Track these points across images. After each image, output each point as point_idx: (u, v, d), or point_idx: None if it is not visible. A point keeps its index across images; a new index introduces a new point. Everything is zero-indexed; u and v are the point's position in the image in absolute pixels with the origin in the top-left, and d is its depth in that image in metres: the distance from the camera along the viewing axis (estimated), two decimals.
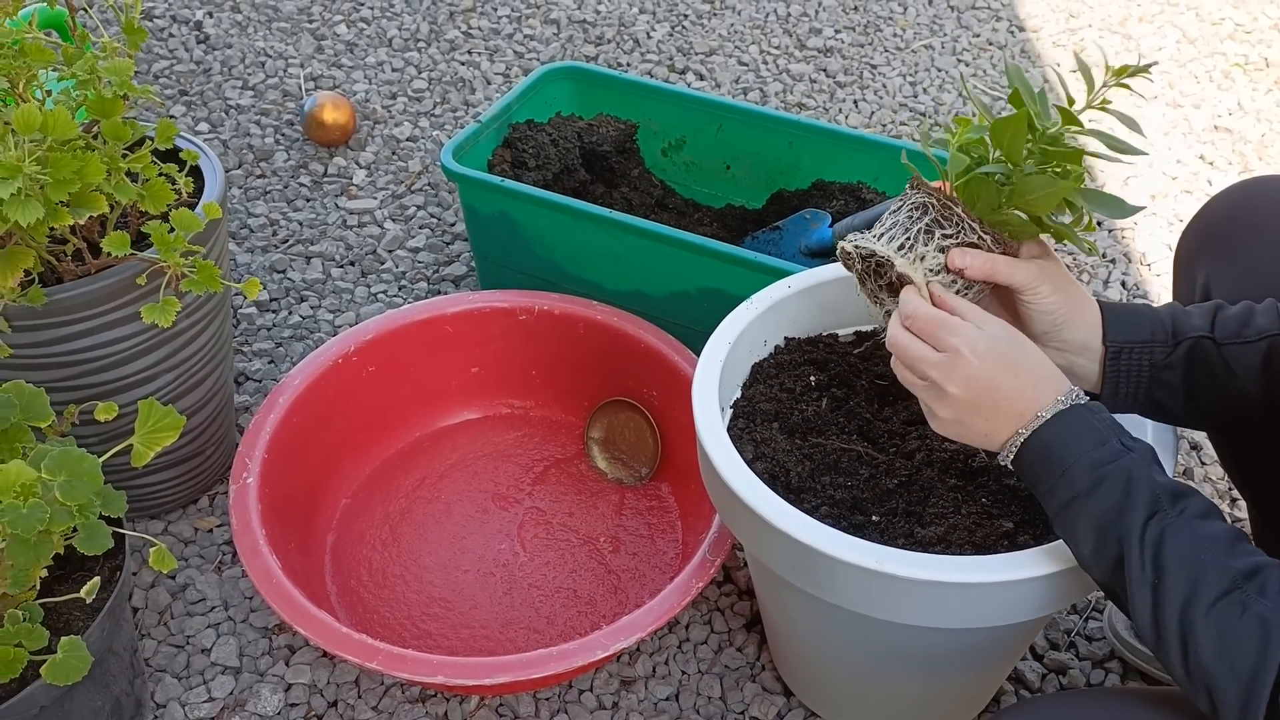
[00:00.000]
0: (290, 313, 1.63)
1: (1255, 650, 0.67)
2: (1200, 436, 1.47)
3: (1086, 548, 0.79)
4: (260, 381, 1.52)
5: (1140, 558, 0.74)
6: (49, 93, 1.10)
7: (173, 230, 1.02)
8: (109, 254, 1.03)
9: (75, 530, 0.93)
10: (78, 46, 1.10)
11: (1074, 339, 0.88)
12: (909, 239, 0.88)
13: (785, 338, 1.15)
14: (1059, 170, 0.86)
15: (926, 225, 0.88)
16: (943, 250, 0.88)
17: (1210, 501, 0.77)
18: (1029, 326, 0.89)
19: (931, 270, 0.88)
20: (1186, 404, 0.88)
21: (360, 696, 1.18)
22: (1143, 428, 0.97)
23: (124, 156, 1.06)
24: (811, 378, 1.10)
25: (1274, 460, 0.99)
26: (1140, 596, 0.74)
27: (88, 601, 0.98)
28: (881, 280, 0.92)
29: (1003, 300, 0.91)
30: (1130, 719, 0.75)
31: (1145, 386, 0.88)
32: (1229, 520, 1.36)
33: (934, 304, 0.86)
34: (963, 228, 0.88)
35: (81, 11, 1.26)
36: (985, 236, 0.88)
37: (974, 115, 0.92)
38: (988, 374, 0.81)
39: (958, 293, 0.88)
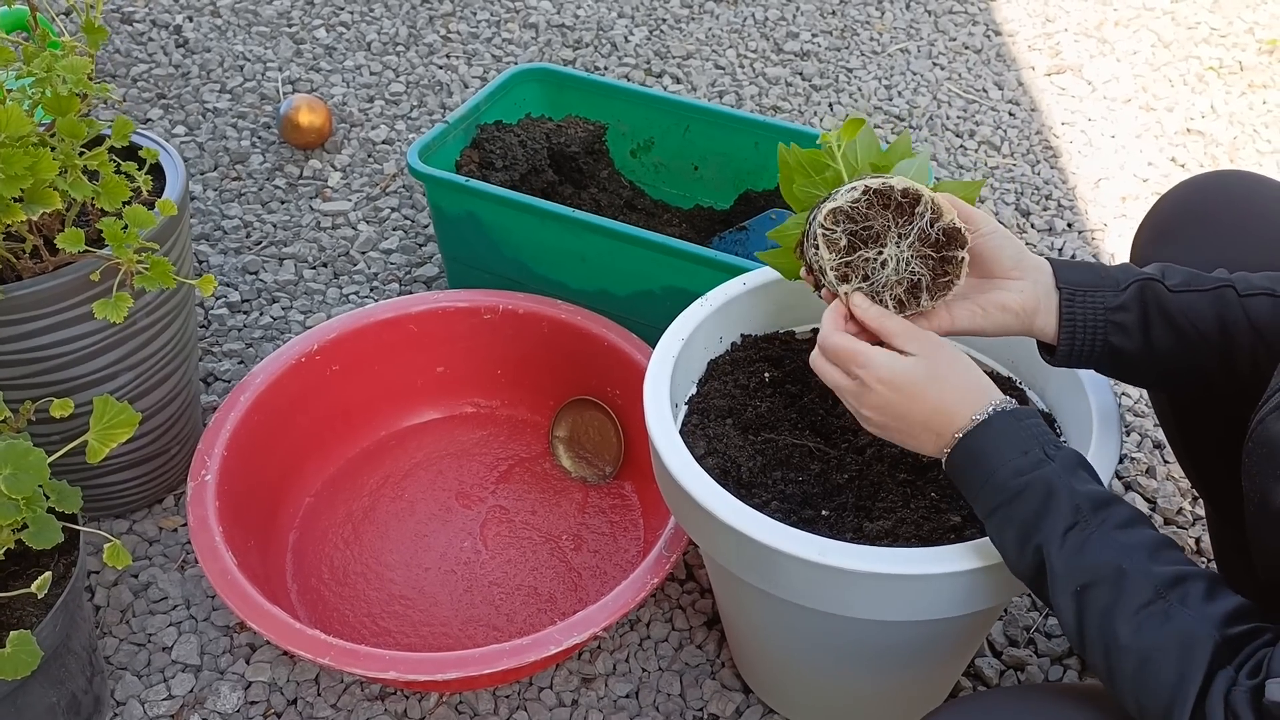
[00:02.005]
0: (261, 314, 1.63)
1: (1176, 665, 0.67)
2: (1164, 435, 1.48)
3: (1011, 555, 0.79)
4: (229, 382, 1.52)
5: (1061, 567, 0.74)
6: (10, 91, 1.10)
7: (126, 227, 1.02)
8: (65, 251, 1.03)
9: (25, 526, 0.93)
10: (38, 45, 1.11)
11: (1036, 263, 0.88)
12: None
13: (742, 334, 1.15)
14: None
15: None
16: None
17: (1135, 510, 0.76)
18: (996, 261, 0.88)
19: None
20: (1145, 352, 0.87)
21: (320, 694, 1.18)
22: (1089, 427, 0.98)
23: (81, 154, 1.07)
24: (766, 374, 1.11)
25: (1225, 448, 0.99)
26: (1063, 605, 0.74)
27: (39, 596, 0.98)
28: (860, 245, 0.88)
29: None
30: (1061, 717, 0.75)
31: (1101, 331, 0.87)
32: (1188, 523, 1.37)
33: (865, 321, 0.86)
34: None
35: (58, 17, 1.26)
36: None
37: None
38: (896, 402, 0.83)
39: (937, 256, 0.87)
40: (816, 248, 0.87)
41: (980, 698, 0.85)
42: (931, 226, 0.86)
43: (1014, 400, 0.83)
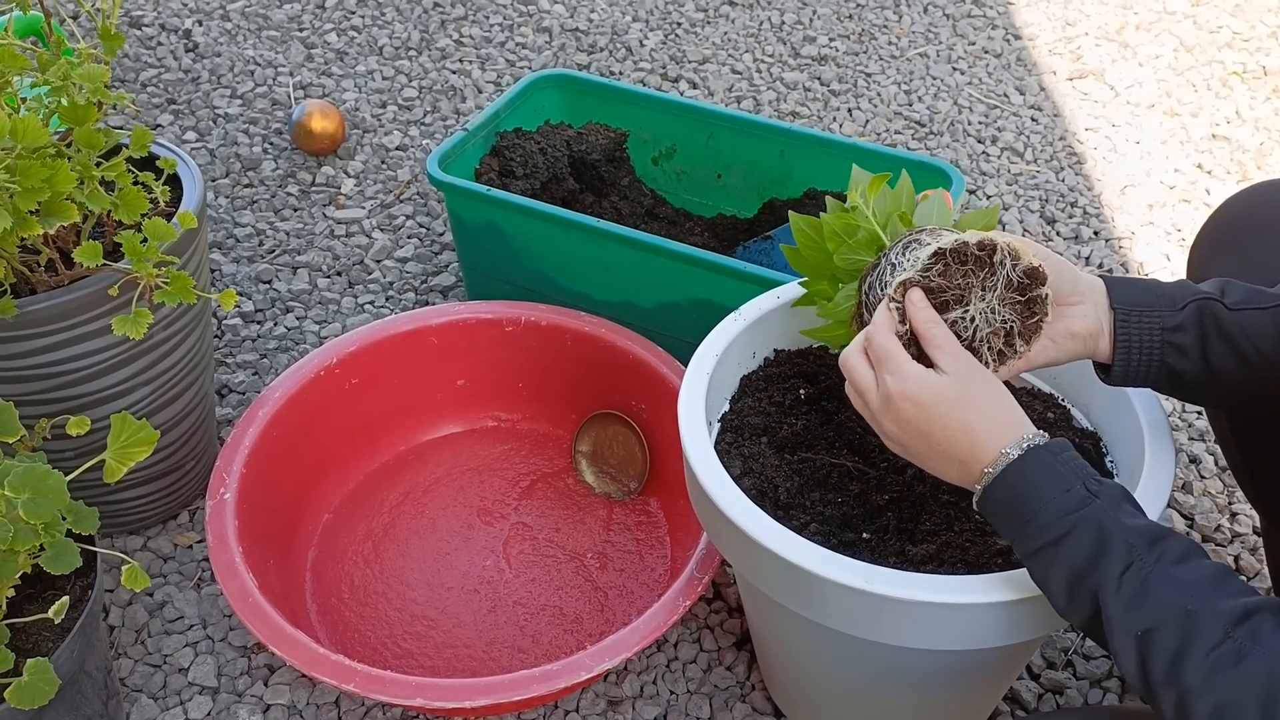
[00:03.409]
0: (276, 324, 1.60)
1: (1257, 705, 0.64)
2: (1199, 449, 1.45)
3: (1060, 599, 0.75)
4: (244, 394, 1.49)
5: (1120, 610, 0.71)
6: (24, 100, 1.07)
7: (145, 240, 0.99)
8: (82, 265, 1.00)
9: (42, 549, 0.90)
10: (53, 52, 1.08)
11: (1091, 283, 0.85)
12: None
13: (775, 350, 1.12)
14: None
15: (929, 235, 0.85)
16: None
17: (1189, 541, 0.73)
18: (1057, 290, 0.85)
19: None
20: (1203, 372, 0.84)
21: (340, 718, 1.15)
22: (1139, 444, 0.95)
23: (98, 165, 1.04)
24: (801, 391, 1.08)
25: None
26: (1124, 649, 0.70)
27: (57, 622, 0.95)
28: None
29: None
30: None
31: (1158, 353, 0.84)
32: (1225, 540, 1.34)
33: (913, 320, 0.83)
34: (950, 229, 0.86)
35: (68, 21, 1.24)
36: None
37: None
38: (920, 419, 0.80)
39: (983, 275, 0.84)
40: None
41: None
42: (1013, 271, 0.83)
43: (1046, 434, 0.79)
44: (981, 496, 0.79)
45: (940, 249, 0.82)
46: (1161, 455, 0.93)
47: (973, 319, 0.83)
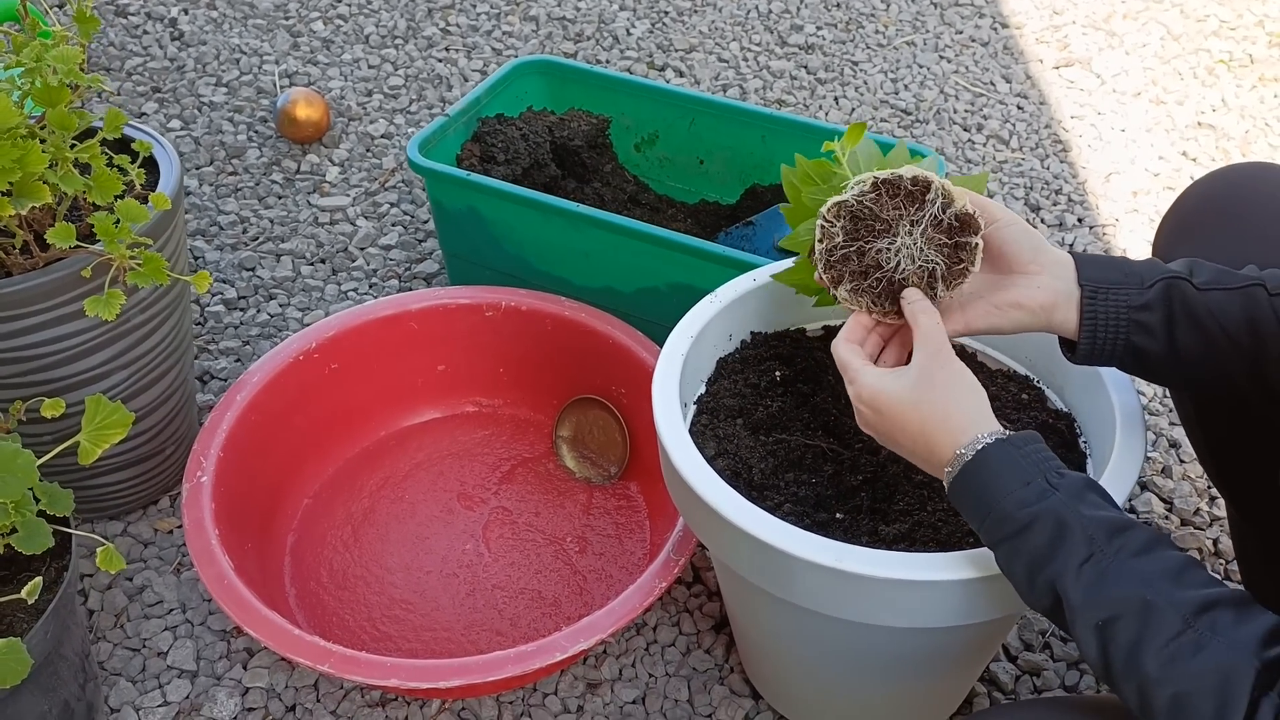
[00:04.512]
0: (259, 310, 1.60)
1: (1216, 695, 0.64)
2: (1179, 434, 1.45)
3: (1022, 587, 0.76)
4: (226, 381, 1.49)
5: (1080, 601, 0.70)
6: None
7: (118, 222, 0.99)
8: (56, 247, 1.00)
9: (14, 530, 0.90)
10: (28, 34, 1.08)
11: (1056, 257, 0.85)
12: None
13: (751, 332, 1.12)
14: None
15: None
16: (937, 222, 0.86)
17: (1151, 531, 0.73)
18: (1014, 255, 0.86)
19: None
20: (1169, 353, 0.84)
21: (319, 700, 1.15)
22: (1111, 428, 0.95)
23: (72, 147, 1.04)
24: (777, 373, 1.08)
25: (1250, 448, 0.96)
26: (1085, 639, 0.71)
27: (30, 602, 0.95)
28: (851, 245, 0.88)
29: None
30: None
31: (1124, 331, 0.84)
32: (1204, 524, 1.34)
33: (908, 309, 0.85)
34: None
35: (51, 11, 1.24)
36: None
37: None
38: (878, 424, 0.84)
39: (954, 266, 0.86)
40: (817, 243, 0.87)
41: (1002, 711, 0.83)
42: (944, 212, 0.84)
43: (1005, 430, 0.79)
44: (949, 492, 0.80)
45: (876, 179, 0.85)
46: (1132, 439, 0.93)
47: (897, 250, 0.86)
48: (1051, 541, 0.72)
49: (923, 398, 0.81)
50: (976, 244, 0.85)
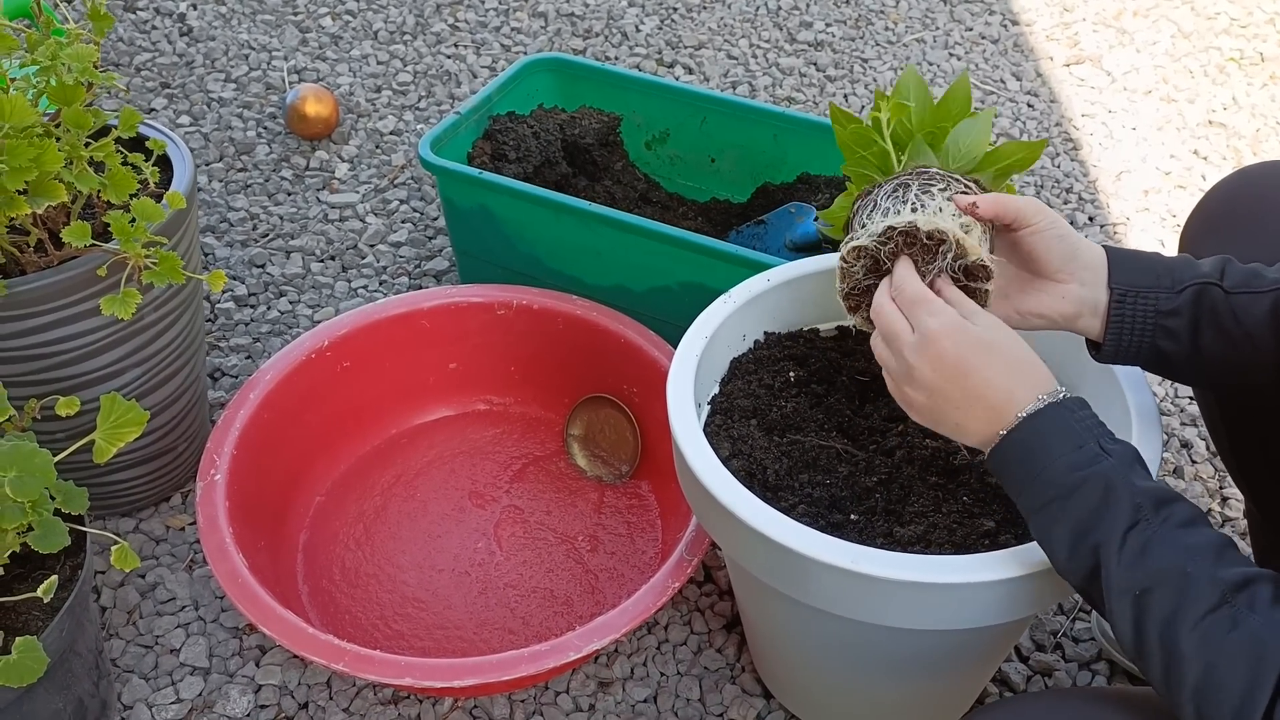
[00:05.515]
0: (269, 308, 1.60)
1: (1247, 672, 0.63)
2: (1190, 434, 1.45)
3: (1062, 554, 0.75)
4: (237, 378, 1.49)
5: (1120, 569, 0.70)
6: (13, 80, 1.07)
7: (134, 220, 0.99)
8: (71, 245, 1.00)
9: (31, 528, 0.90)
10: (43, 32, 1.08)
11: (1088, 262, 0.85)
12: (915, 205, 0.87)
13: (765, 332, 1.12)
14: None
15: (919, 189, 0.87)
16: (950, 200, 0.87)
17: (1195, 507, 0.73)
18: (1044, 262, 0.86)
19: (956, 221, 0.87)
20: (1191, 355, 0.84)
21: (332, 698, 1.15)
22: (1127, 429, 0.95)
23: (87, 145, 1.04)
24: (791, 373, 1.08)
25: (1271, 443, 0.96)
26: (1120, 609, 0.70)
27: (45, 600, 0.96)
28: (874, 279, 0.91)
29: (1011, 250, 0.89)
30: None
31: (1150, 335, 0.84)
32: (1215, 525, 1.34)
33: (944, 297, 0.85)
34: (950, 182, 0.89)
35: (61, 6, 1.24)
36: (971, 185, 0.89)
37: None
38: (959, 358, 0.79)
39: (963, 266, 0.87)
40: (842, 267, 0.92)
41: (1011, 703, 0.83)
42: (955, 264, 0.86)
43: (1067, 390, 0.79)
44: (998, 447, 0.79)
45: (892, 226, 0.87)
46: (1149, 439, 0.93)
47: None
48: (1099, 507, 0.72)
49: (1002, 341, 0.80)
50: (986, 291, 0.87)
